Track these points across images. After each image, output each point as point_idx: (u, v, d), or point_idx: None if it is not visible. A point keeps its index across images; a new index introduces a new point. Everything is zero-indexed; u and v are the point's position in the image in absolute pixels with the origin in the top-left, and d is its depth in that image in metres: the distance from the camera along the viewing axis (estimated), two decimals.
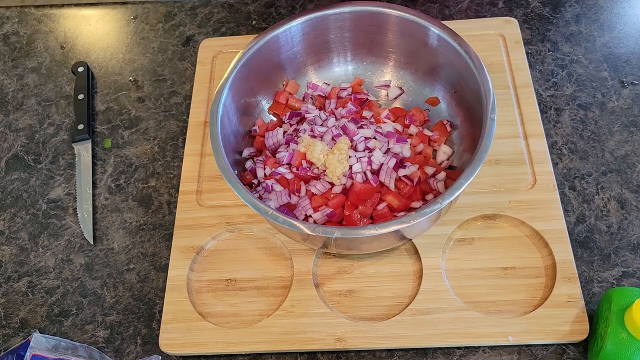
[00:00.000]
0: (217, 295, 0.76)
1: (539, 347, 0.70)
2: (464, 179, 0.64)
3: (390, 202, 0.73)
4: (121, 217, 0.85)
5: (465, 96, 0.77)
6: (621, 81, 0.88)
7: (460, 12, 0.98)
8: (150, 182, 0.87)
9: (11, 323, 0.79)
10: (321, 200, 0.73)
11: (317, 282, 0.75)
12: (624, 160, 0.81)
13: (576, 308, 0.69)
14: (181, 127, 0.92)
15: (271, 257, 0.78)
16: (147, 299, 0.78)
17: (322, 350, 0.72)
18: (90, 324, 0.77)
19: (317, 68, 0.87)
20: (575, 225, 0.77)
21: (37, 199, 0.88)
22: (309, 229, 0.64)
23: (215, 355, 0.73)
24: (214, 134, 0.72)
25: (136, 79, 0.98)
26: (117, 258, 0.81)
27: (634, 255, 0.74)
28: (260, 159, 0.80)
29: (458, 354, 0.70)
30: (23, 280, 0.81)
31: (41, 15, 1.08)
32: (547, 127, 0.84)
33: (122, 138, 0.92)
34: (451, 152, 0.79)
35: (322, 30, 0.82)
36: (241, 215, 0.80)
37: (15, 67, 1.02)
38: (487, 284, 0.73)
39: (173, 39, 1.02)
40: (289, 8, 1.03)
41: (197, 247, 0.78)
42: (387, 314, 0.72)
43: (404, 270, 0.75)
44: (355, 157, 0.75)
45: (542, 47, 0.93)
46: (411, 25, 0.78)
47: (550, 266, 0.73)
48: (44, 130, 0.95)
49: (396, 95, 0.86)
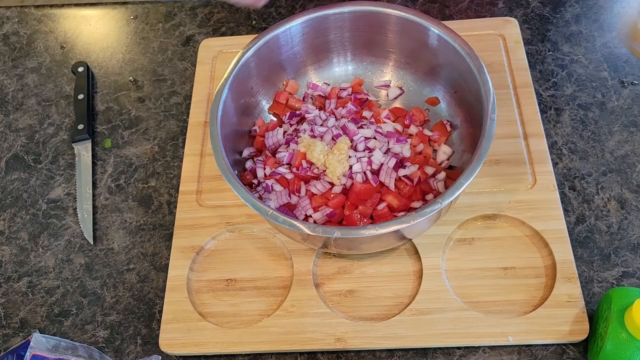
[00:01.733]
0: (217, 295, 0.76)
1: (539, 347, 0.70)
2: (464, 179, 0.64)
3: (390, 202, 0.73)
4: (121, 217, 0.85)
5: (465, 96, 0.77)
6: (621, 81, 0.88)
7: (460, 12, 0.98)
8: (150, 182, 0.87)
9: (11, 323, 0.79)
10: (321, 200, 0.73)
11: (317, 282, 0.75)
12: (624, 160, 0.81)
13: (576, 308, 0.69)
14: (181, 127, 0.92)
15: (271, 257, 0.78)
16: (147, 299, 0.78)
17: (322, 350, 0.72)
18: (90, 324, 0.77)
19: (317, 68, 0.87)
20: (575, 225, 0.77)
21: (37, 199, 0.88)
22: (309, 229, 0.64)
23: (215, 355, 0.73)
24: (214, 134, 0.72)
25: (136, 79, 0.98)
26: (117, 258, 0.82)
27: (634, 255, 0.74)
28: (260, 159, 0.80)
29: (458, 354, 0.70)
30: (23, 280, 0.81)
31: (41, 15, 1.08)
32: (547, 127, 0.84)
33: (122, 138, 0.92)
34: (451, 152, 0.79)
35: (322, 30, 0.82)
36: (241, 215, 0.80)
37: (15, 67, 1.02)
38: (487, 284, 0.73)
39: (173, 39, 1.02)
40: (289, 8, 1.03)
41: (197, 247, 0.78)
42: (387, 314, 0.72)
43: (404, 270, 0.75)
44: (355, 157, 0.75)
45: (542, 47, 0.93)
46: (411, 25, 0.78)
47: (550, 266, 0.73)
48: (44, 130, 0.95)
49: (396, 95, 0.86)
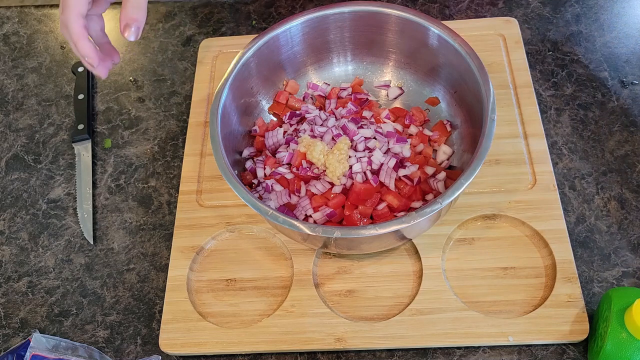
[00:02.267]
0: (217, 295, 0.76)
1: (539, 347, 0.70)
2: (464, 179, 0.64)
3: (390, 202, 0.73)
4: (121, 217, 0.85)
5: (465, 96, 0.77)
6: (621, 81, 0.88)
7: (460, 12, 0.98)
8: (150, 182, 0.87)
9: (11, 323, 0.79)
10: (321, 200, 0.73)
11: (317, 282, 0.75)
12: (624, 160, 0.81)
13: (576, 308, 0.69)
14: (181, 127, 0.92)
15: (271, 257, 0.78)
16: (147, 299, 0.78)
17: (322, 350, 0.72)
18: (90, 324, 0.77)
19: (317, 68, 0.87)
20: (575, 225, 0.77)
21: (37, 199, 0.88)
22: (309, 229, 0.64)
23: (215, 355, 0.73)
24: (214, 134, 0.72)
25: (136, 79, 0.98)
26: (117, 258, 0.82)
27: (634, 255, 0.74)
28: (260, 159, 0.80)
29: (458, 354, 0.70)
30: (23, 280, 0.81)
31: (41, 15, 1.08)
32: (547, 127, 0.84)
33: (122, 138, 0.92)
34: (451, 152, 0.79)
35: (322, 30, 0.82)
36: (241, 215, 0.80)
37: (15, 67, 1.02)
38: (487, 284, 0.73)
39: (173, 39, 1.02)
40: (289, 8, 1.03)
41: (197, 247, 0.78)
42: (387, 314, 0.72)
43: (404, 270, 0.75)
44: (355, 157, 0.75)
45: (542, 47, 0.93)
46: (411, 25, 0.78)
47: (550, 266, 0.73)
48: (44, 130, 0.95)
49: (396, 95, 0.86)
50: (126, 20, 0.66)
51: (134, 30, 0.66)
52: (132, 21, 0.66)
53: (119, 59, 0.75)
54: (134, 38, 0.66)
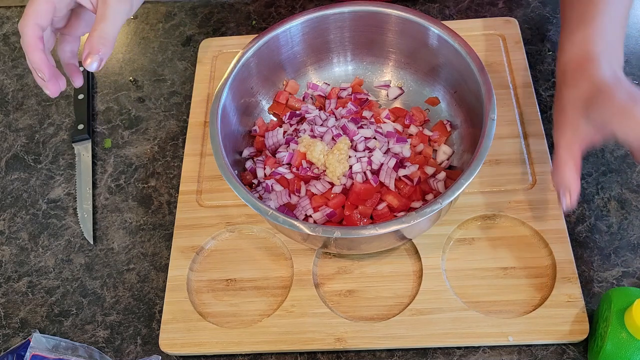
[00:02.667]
0: (217, 295, 0.76)
1: (539, 347, 0.70)
2: (464, 179, 0.64)
3: (390, 202, 0.73)
4: (121, 217, 0.85)
5: (465, 96, 0.77)
6: None
7: (460, 12, 0.98)
8: (150, 182, 0.87)
9: (11, 323, 0.79)
10: (321, 200, 0.73)
11: (317, 282, 0.75)
12: (624, 160, 0.81)
13: (576, 308, 0.69)
14: (181, 127, 0.92)
15: (271, 257, 0.78)
16: (147, 299, 0.78)
17: (322, 350, 0.72)
18: (90, 324, 0.77)
19: (317, 68, 0.87)
20: (575, 225, 0.77)
21: (37, 199, 0.88)
22: (309, 229, 0.64)
23: (215, 355, 0.73)
24: (214, 134, 0.72)
25: (136, 79, 0.98)
26: (117, 258, 0.82)
27: (634, 255, 0.74)
28: (260, 159, 0.80)
29: (458, 354, 0.70)
30: (23, 280, 0.81)
31: None
32: (547, 127, 0.84)
33: (122, 138, 0.92)
34: (451, 152, 0.79)
35: (322, 30, 0.82)
36: (241, 215, 0.80)
37: (15, 67, 1.02)
38: (487, 284, 0.73)
39: (173, 39, 1.02)
40: (289, 8, 1.03)
41: (197, 247, 0.78)
42: (387, 314, 0.72)
43: (404, 270, 0.75)
44: (355, 157, 0.75)
45: (542, 47, 0.92)
46: (411, 25, 0.78)
47: (550, 266, 0.73)
48: (44, 130, 0.95)
49: (396, 95, 0.86)
50: (89, 50, 0.63)
51: (95, 61, 0.63)
52: (94, 52, 0.63)
53: (65, 85, 0.68)
54: (94, 68, 0.63)
